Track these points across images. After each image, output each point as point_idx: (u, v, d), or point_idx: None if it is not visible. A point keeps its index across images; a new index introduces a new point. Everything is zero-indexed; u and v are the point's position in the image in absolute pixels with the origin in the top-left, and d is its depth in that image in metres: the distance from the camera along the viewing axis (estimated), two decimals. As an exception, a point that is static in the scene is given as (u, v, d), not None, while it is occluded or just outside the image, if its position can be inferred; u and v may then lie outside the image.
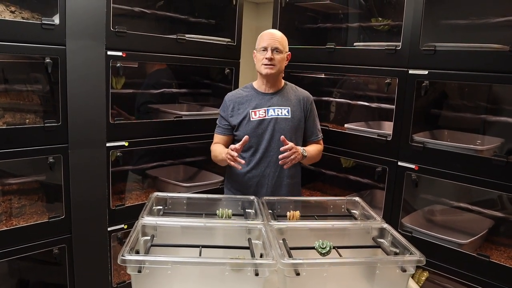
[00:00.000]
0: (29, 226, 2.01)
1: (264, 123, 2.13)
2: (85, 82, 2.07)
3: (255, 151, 2.15)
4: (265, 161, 2.15)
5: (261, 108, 2.15)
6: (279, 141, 2.04)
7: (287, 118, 2.15)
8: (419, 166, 2.23)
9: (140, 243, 1.42)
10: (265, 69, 2.10)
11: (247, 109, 2.15)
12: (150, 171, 2.85)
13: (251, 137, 2.08)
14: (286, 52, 2.16)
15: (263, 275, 1.23)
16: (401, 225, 2.31)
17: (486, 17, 2.16)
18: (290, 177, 2.20)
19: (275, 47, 2.09)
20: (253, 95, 2.19)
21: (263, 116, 2.14)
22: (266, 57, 2.08)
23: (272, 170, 2.15)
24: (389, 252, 1.45)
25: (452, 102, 2.47)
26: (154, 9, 2.70)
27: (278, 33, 2.15)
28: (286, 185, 2.19)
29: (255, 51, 2.17)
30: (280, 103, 2.17)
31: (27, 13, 2.00)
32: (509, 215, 2.22)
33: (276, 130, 2.12)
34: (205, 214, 1.68)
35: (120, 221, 2.35)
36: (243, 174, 2.18)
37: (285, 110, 2.15)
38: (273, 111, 2.14)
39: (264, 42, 2.11)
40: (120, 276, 2.49)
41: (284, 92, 2.21)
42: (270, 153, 2.14)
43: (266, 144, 2.13)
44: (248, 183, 2.18)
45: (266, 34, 2.14)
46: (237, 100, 2.19)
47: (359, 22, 2.88)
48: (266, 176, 2.16)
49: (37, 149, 1.98)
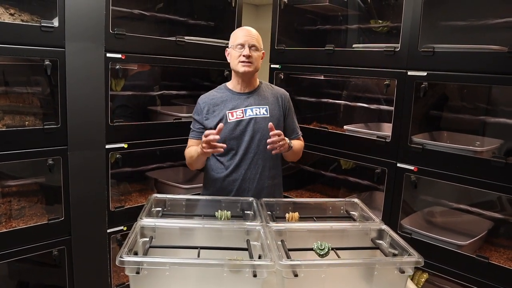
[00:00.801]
0: (29, 228, 2.02)
1: (242, 124, 2.04)
2: (84, 84, 2.08)
3: (234, 154, 2.05)
4: (245, 163, 2.05)
5: (238, 108, 2.05)
6: (259, 141, 2.01)
7: (266, 117, 2.05)
8: (418, 167, 2.23)
9: (139, 244, 1.42)
10: (243, 66, 2.00)
11: (224, 110, 2.05)
12: (149, 173, 2.85)
13: (229, 139, 2.02)
14: (261, 50, 2.08)
15: (261, 276, 1.23)
16: (401, 226, 2.31)
17: (485, 19, 2.16)
18: (272, 178, 2.12)
19: (252, 44, 2.01)
20: (228, 96, 2.09)
21: (240, 117, 2.04)
22: (243, 54, 1.99)
23: (253, 172, 2.06)
24: (387, 253, 1.45)
25: (451, 104, 2.47)
26: (153, 12, 2.71)
27: (254, 31, 2.07)
28: (268, 186, 2.10)
29: (228, 49, 2.09)
30: (257, 103, 2.08)
31: (27, 16, 2.00)
32: (508, 216, 2.21)
33: (256, 130, 2.04)
34: (204, 215, 1.68)
35: (119, 223, 2.36)
36: (222, 179, 2.08)
37: (263, 109, 2.07)
38: (251, 111, 2.05)
39: (241, 39, 2.02)
40: (120, 278, 2.49)
41: (261, 91, 2.13)
42: (250, 154, 2.04)
43: (246, 145, 2.04)
44: (228, 187, 2.07)
45: (242, 31, 2.06)
46: (211, 102, 2.09)
47: (358, 23, 2.88)
48: (247, 179, 2.06)
49: (36, 151, 1.99)
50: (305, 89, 3.06)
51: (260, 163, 2.06)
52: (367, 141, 2.46)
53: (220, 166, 2.08)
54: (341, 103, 2.92)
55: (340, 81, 2.99)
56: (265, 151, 2.00)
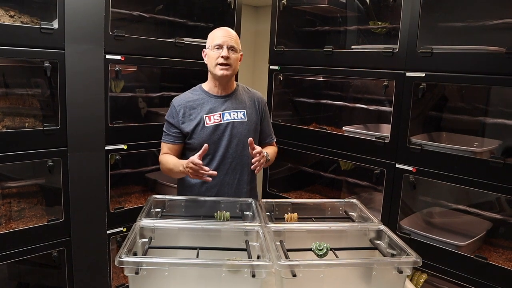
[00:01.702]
0: (28, 229, 2.02)
1: (220, 128, 1.97)
2: (84, 85, 2.08)
3: (211, 159, 1.98)
4: (223, 169, 1.99)
5: (215, 112, 1.98)
6: (237, 145, 1.98)
7: (244, 122, 2.01)
8: (417, 168, 2.23)
9: (138, 245, 1.43)
10: (221, 70, 1.93)
11: (200, 114, 1.97)
12: (149, 174, 2.86)
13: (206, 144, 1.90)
14: (240, 52, 2.01)
15: (260, 276, 1.24)
16: (400, 227, 2.32)
17: (483, 20, 2.17)
18: (249, 182, 2.07)
19: (230, 46, 1.93)
20: (205, 99, 2.01)
21: (218, 121, 1.97)
22: (222, 56, 1.91)
23: (232, 177, 2.01)
24: (386, 253, 1.46)
25: (449, 104, 2.48)
26: (152, 13, 2.71)
27: (232, 31, 2.00)
28: (246, 192, 2.05)
29: (205, 49, 2.02)
30: (235, 106, 2.02)
31: (26, 18, 2.01)
32: (507, 217, 2.22)
33: (234, 135, 1.98)
34: (203, 216, 1.69)
35: (119, 224, 2.36)
36: (199, 185, 2.00)
37: (241, 113, 2.02)
38: (229, 115, 1.99)
39: (219, 39, 1.93)
40: (119, 279, 2.50)
41: (238, 94, 2.06)
42: (228, 159, 1.99)
43: (224, 151, 1.98)
44: (206, 194, 1.99)
45: (221, 31, 1.97)
46: (187, 104, 2.00)
47: (357, 25, 2.89)
48: (226, 184, 2.01)
49: (36, 152, 2.00)
50: (304, 90, 3.07)
51: (238, 168, 2.01)
52: (366, 142, 2.46)
53: None
54: (340, 104, 2.92)
55: (339, 82, 3.00)
56: (243, 156, 1.98)
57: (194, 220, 1.59)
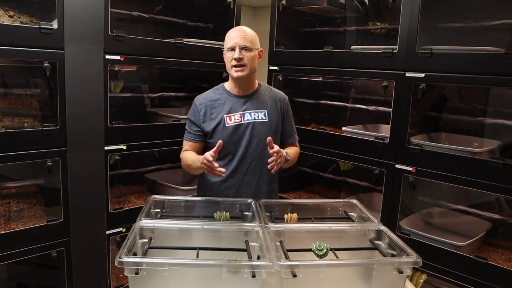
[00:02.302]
0: (28, 229, 2.01)
1: (240, 128, 1.96)
2: (83, 86, 2.08)
3: (231, 159, 1.98)
4: (243, 169, 1.99)
5: (236, 112, 1.97)
6: (257, 146, 1.96)
7: (264, 122, 1.99)
8: (416, 168, 2.23)
9: (138, 245, 1.43)
10: (236, 72, 1.91)
11: (221, 113, 1.97)
12: (148, 174, 2.85)
13: (227, 144, 1.92)
14: (257, 49, 1.96)
15: (260, 277, 1.23)
16: (399, 227, 2.32)
17: (482, 20, 2.17)
18: (269, 183, 2.06)
19: (243, 46, 1.89)
20: (226, 98, 2.00)
21: (239, 121, 1.96)
22: (234, 58, 1.89)
23: (251, 178, 2.00)
24: (386, 254, 1.45)
25: (449, 105, 2.48)
26: (152, 13, 2.71)
27: (246, 30, 1.95)
28: (265, 192, 2.04)
29: (223, 51, 2.00)
30: (256, 107, 2.00)
31: (26, 18, 2.01)
32: (506, 217, 2.22)
33: (254, 135, 1.97)
34: (202, 216, 1.68)
35: (118, 224, 2.36)
36: (219, 184, 2.00)
37: (262, 114, 2.00)
38: (249, 115, 1.98)
39: (231, 41, 1.91)
40: (119, 279, 2.49)
41: (259, 94, 2.04)
42: (247, 160, 1.98)
43: (243, 151, 1.97)
44: (225, 193, 1.99)
45: (233, 33, 1.94)
46: (209, 104, 1.99)
47: (356, 25, 2.89)
48: (245, 184, 2.00)
49: (35, 152, 1.99)
50: (304, 91, 3.07)
51: (258, 168, 2.00)
52: (366, 143, 2.47)
53: None
54: (340, 105, 2.92)
55: (338, 83, 3.00)
56: (263, 156, 1.96)
57: (194, 220, 1.59)
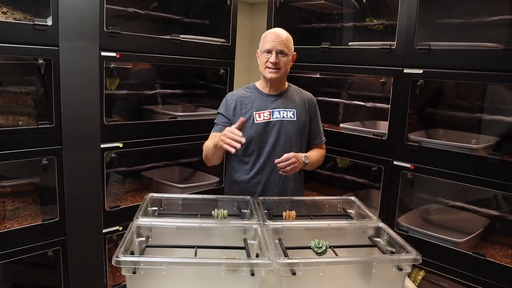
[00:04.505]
0: (23, 228, 2.00)
1: (269, 126, 2.02)
2: (78, 83, 2.06)
3: (258, 156, 2.04)
4: (270, 166, 2.03)
5: (265, 110, 2.04)
6: (284, 144, 2.00)
7: (293, 121, 2.05)
8: (414, 165, 2.23)
9: (135, 244, 1.41)
10: (270, 73, 1.98)
11: (251, 110, 2.03)
12: (145, 172, 2.83)
13: (254, 141, 2.01)
14: (291, 54, 2.04)
15: (259, 275, 1.22)
16: (397, 224, 2.31)
17: (480, 16, 2.17)
18: (295, 181, 2.11)
19: (280, 50, 1.96)
20: (256, 96, 2.07)
21: (267, 119, 2.03)
22: (270, 61, 1.96)
23: (278, 175, 2.01)
24: (385, 251, 1.45)
25: (447, 101, 2.48)
26: (148, 10, 2.69)
27: (283, 34, 2.00)
28: (292, 190, 2.09)
29: (258, 51, 2.06)
30: (285, 105, 2.06)
31: (20, 14, 1.98)
32: (504, 213, 2.22)
33: (282, 133, 2.03)
34: (200, 214, 1.67)
35: (115, 223, 2.34)
36: (246, 181, 2.06)
37: (291, 113, 2.06)
38: (278, 113, 2.04)
39: (268, 44, 1.97)
40: (116, 278, 2.48)
41: (289, 94, 2.11)
42: (274, 157, 1.97)
43: (271, 148, 2.02)
44: (253, 189, 2.05)
45: (270, 35, 1.99)
46: (240, 100, 2.06)
47: (354, 22, 2.88)
48: (271, 181, 2.05)
49: (30, 151, 1.97)
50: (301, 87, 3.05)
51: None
52: (364, 139, 2.46)
53: (244, 167, 2.07)
54: (337, 101, 2.91)
55: (336, 79, 2.99)
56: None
57: (191, 218, 1.58)
